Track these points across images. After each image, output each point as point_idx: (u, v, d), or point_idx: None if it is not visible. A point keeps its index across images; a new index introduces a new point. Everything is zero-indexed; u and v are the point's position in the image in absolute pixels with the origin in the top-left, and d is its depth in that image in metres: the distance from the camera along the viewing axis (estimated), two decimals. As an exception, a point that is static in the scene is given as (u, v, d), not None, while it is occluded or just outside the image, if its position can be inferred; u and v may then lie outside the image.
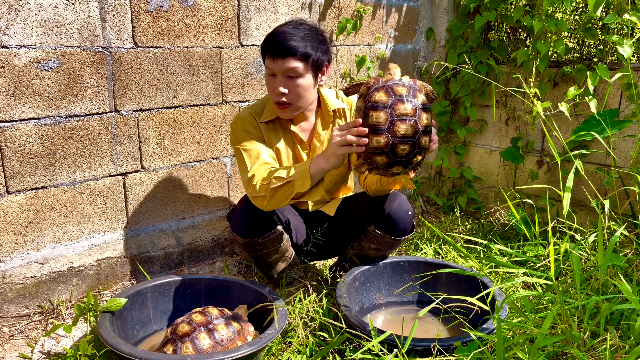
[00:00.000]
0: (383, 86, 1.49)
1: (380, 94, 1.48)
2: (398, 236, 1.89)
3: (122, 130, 1.99)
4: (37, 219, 1.85)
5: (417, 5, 2.91)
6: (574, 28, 2.47)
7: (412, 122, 1.45)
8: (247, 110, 1.86)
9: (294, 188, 1.64)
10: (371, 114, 1.47)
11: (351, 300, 1.79)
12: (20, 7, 1.68)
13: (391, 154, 1.47)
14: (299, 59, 1.69)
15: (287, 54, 1.67)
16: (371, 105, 1.48)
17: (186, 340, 1.51)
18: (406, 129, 1.44)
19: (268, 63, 1.73)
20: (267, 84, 1.78)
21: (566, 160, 2.44)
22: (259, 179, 1.68)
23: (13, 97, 1.72)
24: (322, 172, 1.63)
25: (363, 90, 1.54)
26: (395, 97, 1.47)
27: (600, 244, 1.33)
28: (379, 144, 1.46)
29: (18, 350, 1.68)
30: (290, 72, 1.70)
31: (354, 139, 1.49)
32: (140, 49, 1.97)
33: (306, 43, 1.70)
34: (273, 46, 1.69)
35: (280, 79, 1.71)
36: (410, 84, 1.51)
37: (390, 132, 1.45)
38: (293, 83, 1.72)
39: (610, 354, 1.17)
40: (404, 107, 1.45)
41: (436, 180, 3.18)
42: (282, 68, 1.69)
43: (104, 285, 2.04)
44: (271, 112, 1.85)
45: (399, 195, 1.89)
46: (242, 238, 1.78)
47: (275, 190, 1.65)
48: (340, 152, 1.54)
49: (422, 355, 1.46)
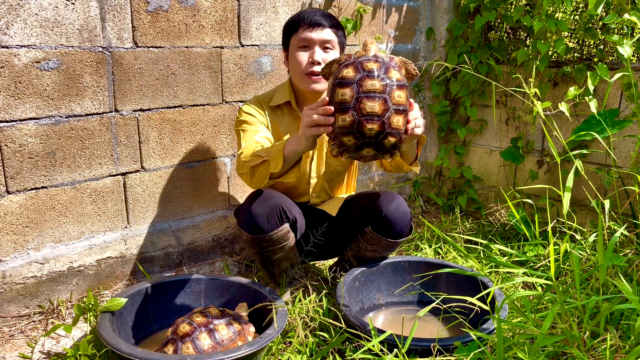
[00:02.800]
0: (353, 62, 1.40)
1: (348, 70, 1.38)
2: (394, 238, 1.88)
3: (122, 130, 1.99)
4: (37, 219, 1.85)
5: (417, 5, 2.91)
6: (574, 28, 2.47)
7: (381, 99, 1.34)
8: (254, 98, 1.95)
9: (269, 167, 1.62)
10: (337, 91, 1.38)
11: (351, 300, 1.79)
12: (21, 7, 1.68)
13: (358, 133, 1.36)
14: (334, 32, 1.81)
15: (325, 25, 1.78)
16: (338, 82, 1.39)
17: (187, 340, 1.51)
18: (372, 107, 1.33)
19: (304, 34, 1.79)
20: (296, 58, 1.82)
21: (566, 160, 2.44)
22: (245, 156, 1.71)
23: (13, 97, 1.72)
24: (296, 154, 1.58)
25: (334, 67, 1.45)
26: (363, 73, 1.36)
27: (600, 244, 1.33)
28: (345, 123, 1.36)
29: (18, 350, 1.68)
30: (327, 43, 1.80)
31: (321, 118, 1.41)
32: (140, 49, 1.97)
33: (334, 21, 1.82)
34: (310, 19, 1.79)
35: (316, 49, 1.79)
36: (384, 60, 1.40)
37: (356, 109, 1.34)
38: (327, 55, 1.81)
39: (610, 354, 1.17)
40: (372, 83, 1.35)
41: (436, 180, 3.18)
42: (322, 38, 1.78)
43: (104, 285, 2.04)
44: (284, 95, 1.90)
45: (397, 197, 1.88)
46: (249, 234, 1.77)
47: (253, 168, 1.67)
48: (309, 134, 1.47)
49: (422, 355, 1.46)
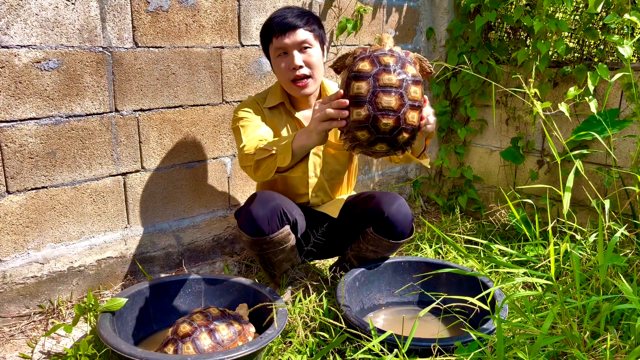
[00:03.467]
0: (369, 56, 1.38)
1: (364, 64, 1.37)
2: (396, 239, 1.88)
3: (123, 130, 1.99)
4: (38, 219, 1.85)
5: (417, 5, 2.91)
6: (574, 28, 2.47)
7: (398, 94, 1.32)
8: (249, 98, 1.92)
9: (276, 162, 1.60)
10: (353, 85, 1.35)
11: (352, 300, 1.79)
12: (21, 7, 1.68)
13: (372, 128, 1.34)
14: (307, 29, 1.75)
15: (296, 27, 1.73)
16: (354, 75, 1.36)
17: (187, 340, 1.51)
18: (389, 101, 1.31)
19: (278, 43, 1.76)
20: (276, 66, 1.81)
21: (566, 160, 2.44)
22: (248, 148, 1.70)
23: (13, 97, 1.72)
24: (305, 148, 1.55)
25: (349, 60, 1.43)
26: (380, 67, 1.35)
27: (601, 244, 1.33)
28: (359, 117, 1.34)
29: (18, 350, 1.68)
30: (304, 43, 1.75)
31: (334, 112, 1.38)
32: (140, 49, 1.97)
33: (307, 17, 1.77)
34: (279, 24, 1.74)
35: (294, 53, 1.75)
36: (400, 55, 1.39)
37: (372, 103, 1.32)
38: (307, 55, 1.76)
39: (610, 354, 1.17)
40: (389, 78, 1.33)
41: (436, 180, 3.18)
42: (295, 41, 1.74)
43: (104, 285, 2.04)
44: (275, 97, 1.88)
45: (398, 198, 1.88)
46: (250, 236, 1.76)
47: (258, 162, 1.65)
48: (321, 128, 1.44)
49: (422, 355, 1.46)
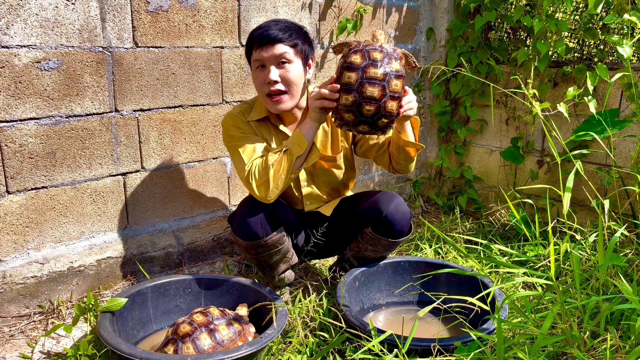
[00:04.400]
0: (362, 49, 1.59)
1: (356, 57, 1.58)
2: (395, 238, 1.88)
3: (123, 130, 1.99)
4: (38, 219, 1.85)
5: (417, 5, 2.91)
6: (574, 28, 2.47)
7: (381, 86, 1.55)
8: (237, 108, 1.87)
9: (293, 155, 1.69)
10: (344, 74, 1.58)
11: (351, 300, 1.79)
12: (21, 7, 1.69)
13: (357, 112, 1.58)
14: (288, 44, 1.72)
15: (276, 41, 1.70)
16: (346, 66, 1.58)
17: (187, 340, 1.51)
18: (372, 92, 1.55)
19: (256, 55, 1.73)
20: (255, 79, 1.78)
21: (566, 160, 2.44)
22: (257, 166, 1.70)
23: (13, 97, 1.72)
24: (311, 129, 1.71)
25: (345, 50, 1.64)
26: (369, 61, 1.57)
27: (601, 244, 1.33)
28: (347, 102, 1.58)
29: (18, 350, 1.68)
30: (281, 57, 1.71)
31: (328, 93, 1.60)
32: (140, 49, 1.97)
33: (291, 32, 1.74)
34: (260, 36, 1.71)
35: (271, 68, 1.72)
36: (388, 51, 1.60)
37: (359, 92, 1.56)
38: (284, 70, 1.73)
39: (610, 354, 1.17)
40: (374, 72, 1.55)
41: (436, 180, 3.18)
42: (273, 55, 1.71)
43: (104, 285, 2.04)
44: (259, 111, 1.85)
45: (396, 197, 1.88)
46: (244, 241, 1.76)
47: (274, 165, 1.67)
48: (315, 105, 1.65)
49: (422, 355, 1.46)
